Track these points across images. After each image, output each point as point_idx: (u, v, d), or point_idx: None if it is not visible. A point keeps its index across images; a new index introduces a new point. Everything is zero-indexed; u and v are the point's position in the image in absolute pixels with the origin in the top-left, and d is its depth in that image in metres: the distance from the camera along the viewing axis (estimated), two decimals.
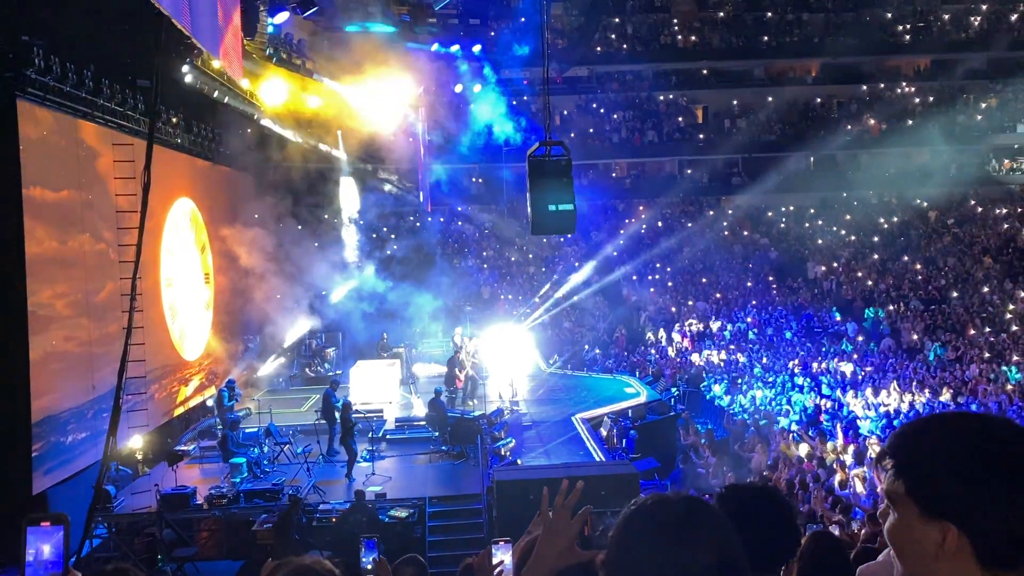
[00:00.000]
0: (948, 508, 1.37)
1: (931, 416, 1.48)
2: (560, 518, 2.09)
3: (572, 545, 2.07)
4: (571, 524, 2.08)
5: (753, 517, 2.28)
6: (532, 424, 19.62)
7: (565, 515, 2.09)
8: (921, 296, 28.62)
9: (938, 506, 1.38)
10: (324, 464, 16.60)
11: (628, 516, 1.56)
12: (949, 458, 1.38)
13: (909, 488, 1.42)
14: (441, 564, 12.35)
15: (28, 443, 12.58)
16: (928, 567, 1.40)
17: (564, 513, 2.10)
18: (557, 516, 2.10)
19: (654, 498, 1.57)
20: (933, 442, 1.42)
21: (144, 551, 13.07)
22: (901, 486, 1.42)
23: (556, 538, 2.07)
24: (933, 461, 1.40)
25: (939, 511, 1.38)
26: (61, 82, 13.78)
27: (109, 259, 15.18)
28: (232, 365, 22.53)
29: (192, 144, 20.28)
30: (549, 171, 9.58)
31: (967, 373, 21.68)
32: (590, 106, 38.87)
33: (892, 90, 38.72)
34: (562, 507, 2.10)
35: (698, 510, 1.53)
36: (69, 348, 13.96)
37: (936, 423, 1.46)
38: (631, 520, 1.55)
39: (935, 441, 1.42)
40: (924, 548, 1.40)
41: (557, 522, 2.09)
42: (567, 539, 2.07)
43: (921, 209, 35.41)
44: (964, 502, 1.36)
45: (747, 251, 34.20)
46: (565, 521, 2.09)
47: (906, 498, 1.42)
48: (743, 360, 25.02)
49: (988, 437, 1.38)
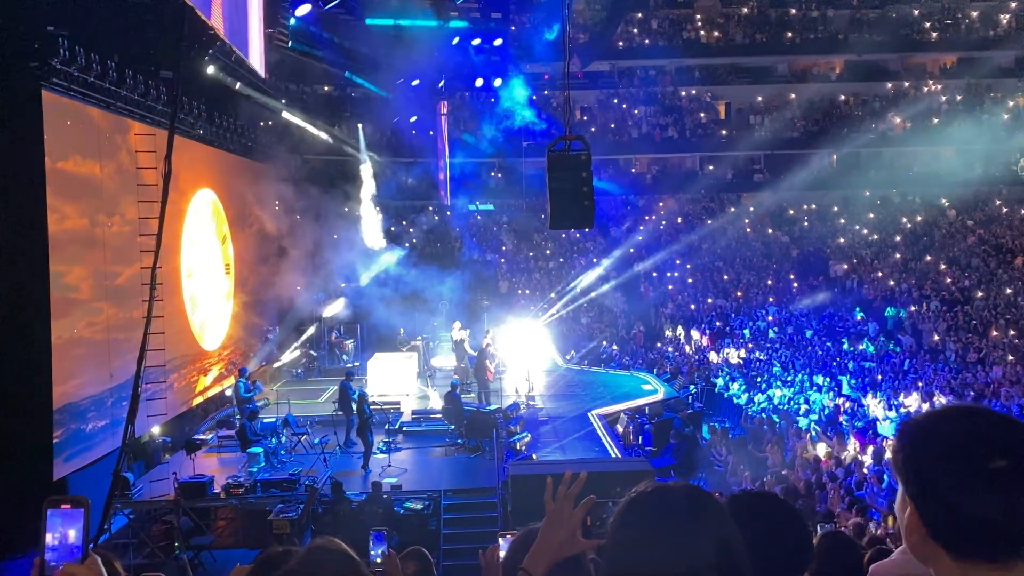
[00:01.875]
0: (909, 488, 1.44)
1: (947, 405, 1.52)
2: (563, 507, 2.08)
3: (575, 534, 2.06)
4: (574, 513, 2.07)
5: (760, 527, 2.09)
6: (548, 419, 19.61)
7: (568, 504, 2.09)
8: (944, 297, 28.32)
9: (904, 485, 1.46)
10: (341, 455, 16.68)
11: (628, 503, 1.55)
12: (924, 441, 1.44)
13: (893, 464, 1.50)
14: (456, 557, 12.39)
15: (50, 429, 12.72)
16: (908, 542, 1.47)
17: (567, 503, 2.09)
18: (560, 505, 2.09)
19: (654, 485, 1.56)
20: (924, 426, 1.47)
21: (161, 538, 13.20)
22: (899, 462, 1.47)
23: (559, 527, 2.07)
24: (916, 444, 1.46)
25: (906, 489, 1.45)
26: (85, 72, 13.89)
27: (130, 243, 15.29)
28: (250, 356, 22.70)
29: (214, 135, 20.40)
30: (569, 166, 9.54)
31: (990, 375, 21.44)
32: (611, 101, 38.72)
33: (917, 88, 38.27)
34: (565, 496, 2.10)
35: (698, 498, 1.52)
36: (90, 335, 14.09)
37: (942, 411, 1.50)
38: (631, 507, 1.54)
39: (926, 426, 1.47)
40: (906, 524, 1.46)
41: (560, 511, 2.08)
42: (569, 528, 2.06)
43: (945, 209, 35.02)
44: (917, 484, 1.42)
45: (768, 249, 33.98)
46: (568, 510, 2.08)
47: (895, 472, 1.50)
48: (762, 357, 24.88)
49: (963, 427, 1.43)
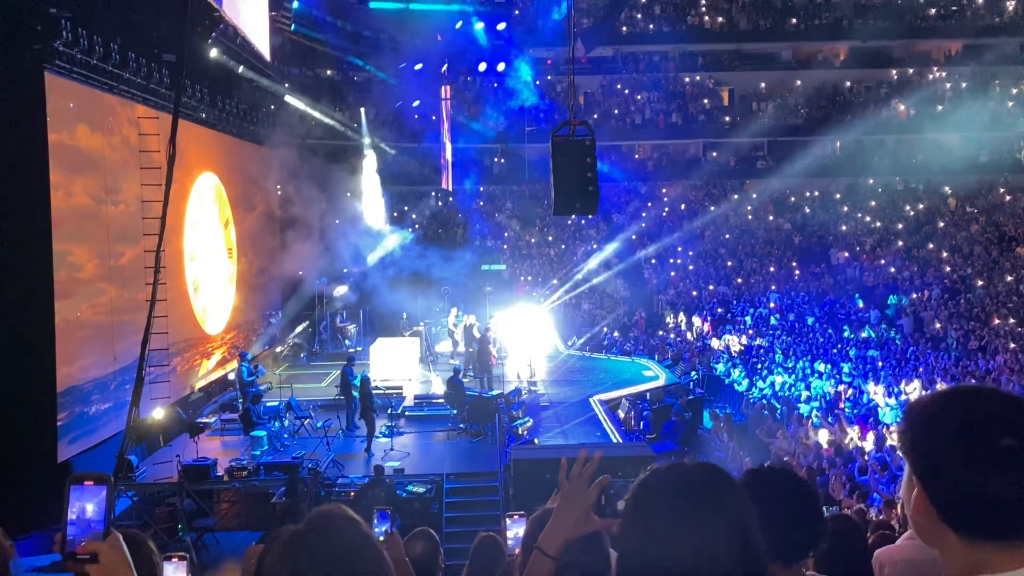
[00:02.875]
0: (916, 468, 1.45)
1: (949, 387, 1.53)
2: (577, 486, 2.10)
3: (589, 513, 2.07)
4: (588, 492, 2.08)
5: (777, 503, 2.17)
6: (550, 404, 19.67)
7: (582, 484, 2.10)
8: (946, 284, 28.31)
9: (912, 466, 1.46)
10: (344, 439, 16.75)
11: (643, 482, 1.55)
12: (927, 421, 1.45)
13: (900, 445, 1.51)
14: (457, 540, 12.44)
15: (54, 412, 12.77)
16: (915, 522, 1.47)
17: (581, 482, 2.10)
18: (574, 484, 2.10)
19: (669, 465, 1.56)
20: (931, 406, 1.48)
21: (165, 520, 13.27)
22: (907, 442, 1.48)
23: (573, 506, 2.08)
24: (917, 424, 1.46)
25: (914, 470, 1.46)
26: (88, 54, 13.86)
27: (133, 224, 15.30)
28: (253, 340, 22.74)
29: (217, 119, 20.36)
30: (572, 151, 9.52)
31: (991, 362, 21.46)
32: (615, 87, 38.58)
33: (922, 75, 38.09)
34: (579, 476, 2.11)
35: (714, 476, 1.52)
36: (93, 317, 14.13)
37: (948, 391, 1.51)
38: (646, 486, 1.54)
39: (933, 406, 1.48)
40: (912, 504, 1.46)
41: (574, 490, 2.10)
42: (584, 507, 2.07)
43: (947, 196, 34.94)
44: (926, 465, 1.43)
45: (770, 236, 33.93)
46: (582, 489, 2.09)
47: (902, 453, 1.50)
48: (764, 344, 24.89)
49: (963, 407, 1.43)
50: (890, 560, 3.96)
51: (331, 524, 1.59)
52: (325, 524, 1.59)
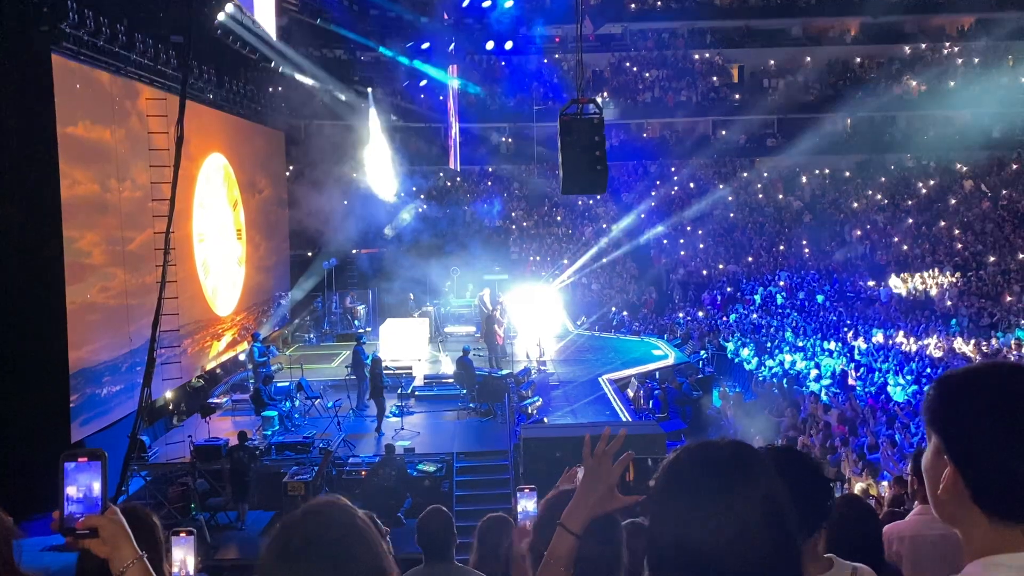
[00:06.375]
0: (951, 447, 1.41)
1: (984, 362, 1.49)
2: (601, 463, 2.10)
3: (613, 490, 2.07)
4: (612, 470, 2.08)
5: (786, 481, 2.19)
6: (559, 384, 19.70)
7: (606, 460, 2.10)
8: (957, 262, 28.14)
9: (946, 444, 1.42)
10: (354, 418, 16.83)
11: (673, 460, 1.53)
12: (964, 398, 1.42)
13: (930, 420, 1.47)
14: (468, 518, 12.46)
15: (66, 393, 12.87)
16: (936, 500, 1.44)
17: (605, 459, 2.10)
18: (598, 461, 2.10)
19: (700, 442, 1.55)
20: (960, 382, 1.45)
21: (178, 500, 13.36)
22: (939, 419, 1.45)
23: (597, 483, 2.08)
24: (953, 400, 1.43)
25: (947, 448, 1.41)
26: (95, 36, 13.82)
27: (142, 208, 15.33)
28: (263, 321, 22.82)
29: (225, 100, 20.31)
30: (581, 130, 9.46)
31: (1003, 340, 21.37)
32: (623, 64, 38.31)
33: (934, 50, 37.65)
34: (603, 453, 2.11)
35: (745, 454, 1.50)
36: (104, 300, 14.20)
37: (978, 367, 1.48)
38: (676, 464, 1.53)
39: (962, 381, 1.45)
40: (934, 482, 1.43)
41: (598, 468, 2.10)
42: (608, 484, 2.07)
43: (960, 174, 34.63)
44: (962, 444, 1.39)
45: (780, 214, 33.76)
46: (606, 467, 2.09)
47: (932, 429, 1.46)
48: (774, 323, 24.84)
49: (1004, 385, 1.40)
50: (899, 536, 3.96)
51: (326, 509, 1.61)
52: (320, 509, 1.61)
